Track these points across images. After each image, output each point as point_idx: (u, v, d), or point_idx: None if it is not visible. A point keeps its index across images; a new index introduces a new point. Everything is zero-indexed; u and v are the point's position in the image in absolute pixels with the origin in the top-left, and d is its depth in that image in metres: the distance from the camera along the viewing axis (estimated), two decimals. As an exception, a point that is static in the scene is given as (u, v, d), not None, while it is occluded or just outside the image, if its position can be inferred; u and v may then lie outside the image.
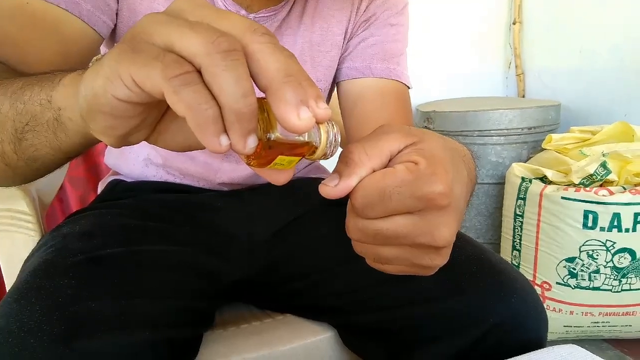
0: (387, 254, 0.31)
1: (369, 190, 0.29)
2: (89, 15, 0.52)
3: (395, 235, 0.29)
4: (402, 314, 0.51)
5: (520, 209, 1.35)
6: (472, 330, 0.47)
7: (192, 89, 0.22)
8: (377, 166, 0.30)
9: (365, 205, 0.29)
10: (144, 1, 0.56)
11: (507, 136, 1.53)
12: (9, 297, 0.43)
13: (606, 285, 1.22)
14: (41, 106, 0.34)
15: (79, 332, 0.39)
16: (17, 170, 0.40)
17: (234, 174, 0.68)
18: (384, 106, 0.65)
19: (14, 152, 0.38)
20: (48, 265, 0.46)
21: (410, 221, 0.29)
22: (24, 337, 0.38)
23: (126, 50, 0.24)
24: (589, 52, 1.69)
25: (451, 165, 0.31)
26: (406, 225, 0.29)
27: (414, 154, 0.30)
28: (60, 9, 0.50)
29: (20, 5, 0.49)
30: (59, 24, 0.50)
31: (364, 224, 0.30)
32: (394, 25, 0.66)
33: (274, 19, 0.61)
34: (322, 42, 0.65)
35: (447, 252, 0.32)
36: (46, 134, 0.35)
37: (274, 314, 0.64)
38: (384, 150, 0.30)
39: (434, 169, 0.29)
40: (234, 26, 0.24)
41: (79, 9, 0.51)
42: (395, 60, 0.67)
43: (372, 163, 0.30)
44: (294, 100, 0.23)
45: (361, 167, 0.29)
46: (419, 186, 0.28)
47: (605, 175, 1.19)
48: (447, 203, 0.29)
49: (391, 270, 0.32)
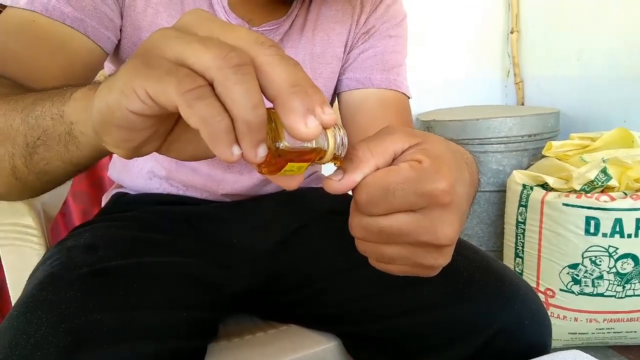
0: (390, 253, 0.31)
1: (373, 186, 0.29)
2: (93, 31, 0.53)
3: (398, 232, 0.29)
4: (406, 322, 0.51)
5: (522, 216, 1.35)
6: (476, 337, 0.47)
7: (205, 103, 0.23)
8: (381, 164, 0.30)
9: (368, 201, 0.29)
10: (147, 17, 0.57)
11: (507, 144, 1.53)
12: (15, 311, 0.43)
13: (610, 291, 1.22)
14: (53, 120, 0.35)
15: (85, 345, 0.40)
16: (27, 184, 0.40)
17: (237, 185, 0.68)
18: (384, 116, 0.65)
19: (25, 166, 0.38)
20: (53, 279, 0.47)
21: (413, 219, 0.29)
22: (31, 350, 0.38)
23: (139, 65, 0.25)
24: (587, 59, 1.70)
25: (454, 165, 0.31)
26: (409, 222, 0.29)
27: (418, 153, 0.30)
28: (66, 26, 0.51)
29: (27, 23, 0.50)
30: (64, 41, 0.51)
31: (368, 221, 0.30)
32: (393, 36, 0.67)
33: (276, 32, 0.62)
34: (323, 54, 0.66)
35: (449, 252, 0.32)
36: (58, 148, 0.36)
37: (278, 325, 0.64)
38: (388, 149, 0.31)
39: (437, 168, 0.29)
40: (241, 39, 0.25)
41: (84, 26, 0.52)
42: (395, 71, 0.68)
43: (376, 160, 0.30)
44: (301, 110, 0.24)
45: (365, 163, 0.30)
46: (422, 183, 0.28)
47: (606, 181, 1.20)
48: (450, 201, 0.29)
49: (394, 270, 0.32)
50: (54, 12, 0.50)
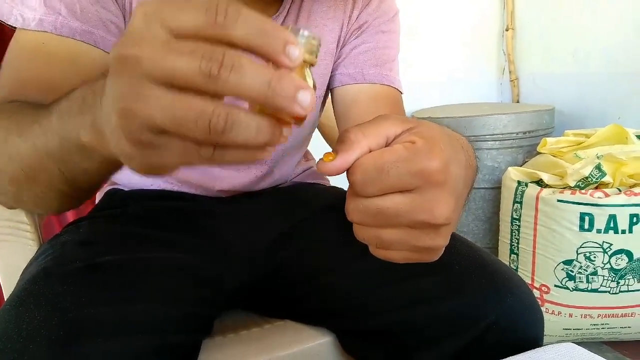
0: (388, 237, 0.31)
1: (367, 166, 0.29)
2: (103, 41, 0.53)
3: (394, 213, 0.29)
4: (400, 316, 0.51)
5: (517, 213, 1.36)
6: (470, 330, 0.48)
7: (204, 122, 0.23)
8: (374, 146, 0.30)
9: (363, 181, 0.30)
10: None
11: (502, 141, 1.54)
12: (8, 305, 0.43)
13: (604, 287, 1.23)
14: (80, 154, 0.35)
15: (78, 338, 0.39)
16: (77, 197, 0.44)
17: (233, 182, 0.68)
18: (378, 111, 0.65)
19: (71, 190, 0.41)
20: (47, 273, 0.46)
21: (408, 199, 0.29)
22: (23, 342, 0.38)
23: (128, 95, 0.24)
24: (582, 56, 1.71)
25: (448, 146, 0.31)
26: (405, 202, 0.29)
27: (411, 135, 0.30)
28: (76, 41, 0.51)
29: (37, 47, 0.50)
30: (76, 56, 0.51)
31: (364, 204, 0.30)
32: (385, 32, 0.67)
33: None
34: None
35: (447, 232, 0.32)
36: (98, 171, 0.38)
37: (273, 320, 0.64)
38: (381, 132, 0.31)
39: (430, 147, 0.29)
40: (195, 23, 0.24)
41: (93, 38, 0.52)
42: (388, 66, 0.68)
43: (369, 142, 0.30)
44: (289, 99, 0.24)
45: (358, 145, 0.30)
46: (415, 162, 0.29)
47: (600, 177, 1.20)
48: (444, 179, 0.29)
49: (395, 256, 0.32)
50: (63, 29, 0.50)
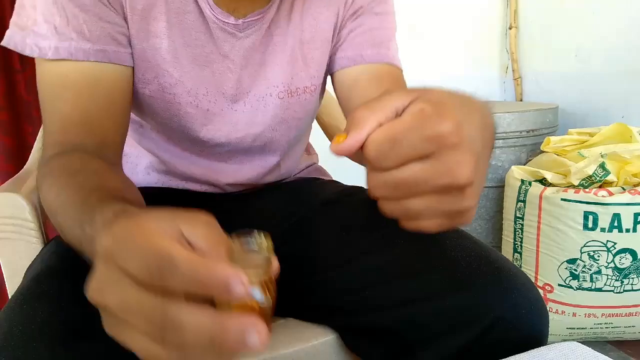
0: (415, 207, 0.30)
1: (380, 140, 0.29)
2: (116, 55, 0.53)
3: (415, 181, 0.29)
4: (403, 312, 0.51)
5: (520, 212, 1.35)
6: (474, 326, 0.47)
7: None
8: (383, 120, 0.30)
9: (378, 155, 0.29)
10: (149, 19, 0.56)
11: (505, 139, 1.54)
12: (12, 303, 0.43)
13: (608, 286, 1.22)
14: None
15: (80, 336, 0.40)
16: None
17: (237, 175, 0.68)
18: (380, 90, 0.65)
19: None
20: (51, 271, 0.47)
21: (427, 165, 0.29)
22: (27, 340, 0.38)
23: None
24: (586, 54, 1.70)
25: (459, 108, 0.31)
26: (423, 169, 0.29)
27: (419, 103, 0.30)
28: (91, 63, 0.52)
29: (63, 82, 0.51)
30: (97, 80, 0.52)
31: (384, 177, 0.30)
32: (379, 13, 0.67)
33: (262, 21, 0.61)
34: (313, 40, 0.65)
35: (473, 192, 0.31)
36: None
37: (275, 318, 0.64)
38: (389, 105, 0.31)
39: (440, 111, 0.29)
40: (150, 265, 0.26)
41: (107, 56, 0.53)
42: (386, 45, 0.67)
43: (378, 117, 0.30)
44: (236, 343, 0.24)
45: (367, 121, 0.30)
46: (426, 128, 0.28)
47: (604, 176, 1.20)
48: (458, 140, 0.29)
49: (427, 226, 0.32)
50: (78, 53, 0.51)
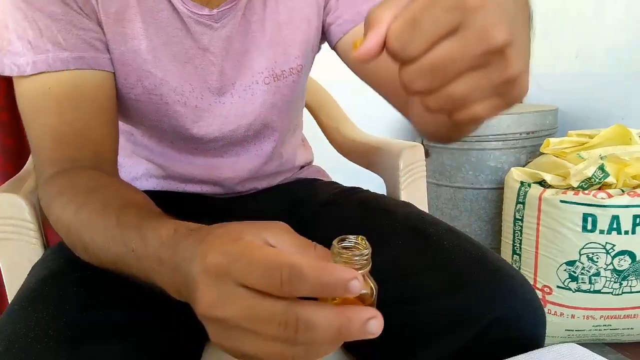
0: (460, 90, 0.28)
1: (399, 28, 0.27)
2: (95, 61, 0.53)
3: (450, 59, 0.27)
4: (402, 312, 0.51)
5: (519, 214, 1.35)
6: (472, 326, 0.47)
7: None
8: (398, 12, 0.28)
9: (402, 43, 0.27)
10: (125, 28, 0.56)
11: (505, 141, 1.54)
12: (16, 305, 0.43)
13: (607, 288, 1.23)
14: None
15: (85, 339, 0.40)
16: None
17: (236, 167, 0.68)
18: None
19: None
20: (56, 275, 0.47)
21: (456, 38, 0.27)
22: (30, 342, 0.38)
23: None
24: (586, 56, 1.70)
25: None
26: (454, 44, 0.27)
27: None
28: (71, 71, 0.51)
29: (44, 94, 0.51)
30: (79, 87, 0.51)
31: (416, 66, 0.28)
32: None
33: (236, 8, 0.59)
34: (291, 20, 0.64)
35: (515, 54, 0.28)
36: None
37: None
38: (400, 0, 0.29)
39: None
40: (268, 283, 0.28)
41: (86, 62, 0.52)
42: None
43: (392, 12, 0.28)
44: (359, 332, 0.29)
45: (382, 17, 0.28)
46: None
47: (604, 178, 1.20)
48: (481, 2, 0.26)
49: (481, 110, 0.29)
50: (56, 63, 0.50)
